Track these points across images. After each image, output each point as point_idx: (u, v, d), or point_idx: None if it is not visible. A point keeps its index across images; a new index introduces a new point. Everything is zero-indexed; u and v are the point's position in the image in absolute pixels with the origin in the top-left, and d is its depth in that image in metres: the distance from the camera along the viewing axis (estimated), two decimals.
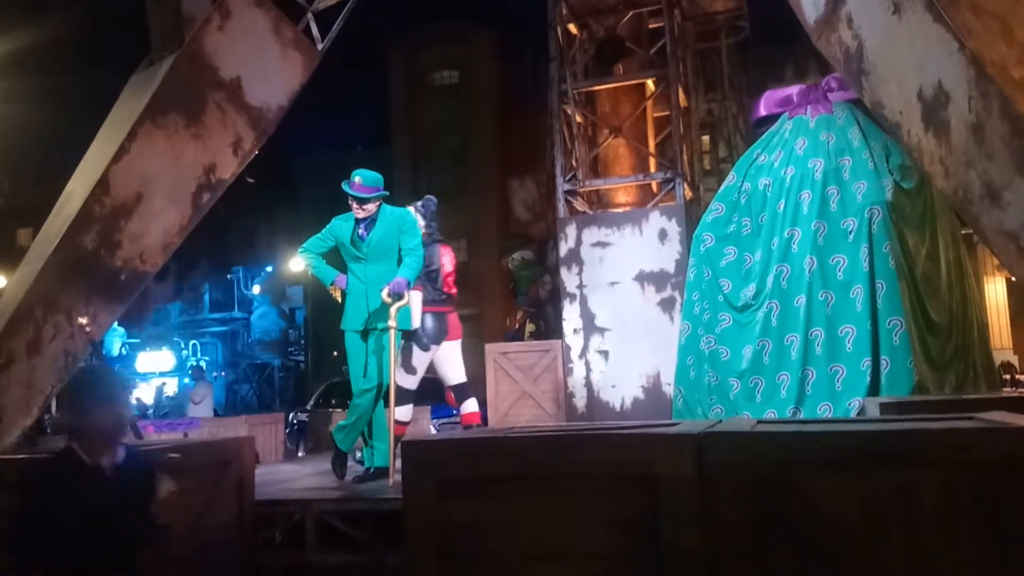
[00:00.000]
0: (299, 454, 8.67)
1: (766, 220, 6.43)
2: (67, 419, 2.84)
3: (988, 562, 2.21)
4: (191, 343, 29.61)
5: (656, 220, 8.20)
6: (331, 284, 5.38)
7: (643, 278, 8.13)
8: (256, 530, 4.25)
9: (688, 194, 8.85)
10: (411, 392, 5.78)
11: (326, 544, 4.28)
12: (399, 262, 5.18)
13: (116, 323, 11.79)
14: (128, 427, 2.91)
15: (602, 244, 8.35)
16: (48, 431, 10.49)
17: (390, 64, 25.87)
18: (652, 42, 9.44)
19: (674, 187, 8.56)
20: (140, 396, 20.68)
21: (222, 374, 28.53)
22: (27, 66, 18.36)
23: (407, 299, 5.08)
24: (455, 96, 25.24)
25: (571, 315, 8.36)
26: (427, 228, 5.75)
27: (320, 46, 6.82)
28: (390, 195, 5.39)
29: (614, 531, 2.43)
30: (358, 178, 5.16)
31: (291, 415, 11.98)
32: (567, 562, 2.47)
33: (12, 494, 3.16)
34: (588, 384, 8.22)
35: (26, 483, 3.27)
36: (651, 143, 9.74)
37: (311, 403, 13.60)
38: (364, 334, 5.19)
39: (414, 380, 5.81)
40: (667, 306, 7.99)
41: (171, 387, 26.32)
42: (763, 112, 7.15)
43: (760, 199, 6.52)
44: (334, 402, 12.34)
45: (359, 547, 4.20)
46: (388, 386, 5.06)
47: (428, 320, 5.73)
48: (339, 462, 5.23)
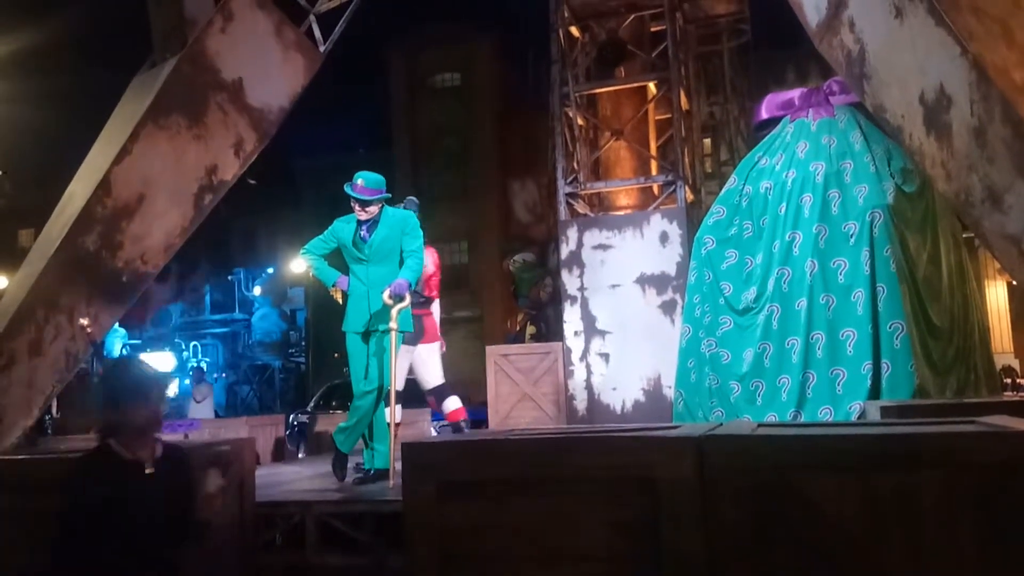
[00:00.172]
0: (299, 455, 8.66)
1: (767, 223, 6.43)
2: (102, 415, 2.68)
3: (989, 565, 2.21)
4: (192, 344, 29.62)
5: (657, 223, 8.20)
6: (332, 285, 5.37)
7: (644, 281, 8.14)
8: (256, 531, 4.25)
9: (689, 197, 8.86)
10: (398, 394, 5.78)
11: (327, 545, 4.27)
12: (401, 264, 5.18)
13: (117, 324, 11.79)
14: (163, 421, 2.79)
15: (603, 247, 8.35)
16: (49, 431, 10.50)
17: (391, 66, 25.89)
18: (654, 45, 9.47)
19: (675, 190, 8.56)
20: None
21: (223, 375, 28.55)
22: (29, 67, 18.40)
23: (408, 301, 5.08)
24: (456, 98, 25.26)
25: (572, 317, 8.36)
26: None
27: (322, 48, 6.84)
28: (391, 197, 5.39)
29: (615, 533, 2.43)
30: (360, 180, 5.15)
31: (291, 417, 11.95)
32: (568, 564, 2.47)
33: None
34: (589, 386, 8.22)
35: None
36: (652, 146, 9.74)
37: (311, 405, 13.58)
38: (365, 336, 5.18)
39: (399, 382, 5.82)
40: (668, 309, 8.00)
41: (172, 388, 26.32)
42: (765, 115, 7.15)
43: (761, 202, 6.52)
44: (335, 404, 12.31)
45: (360, 549, 4.19)
46: (389, 388, 5.07)
47: None
48: (339, 464, 5.23)
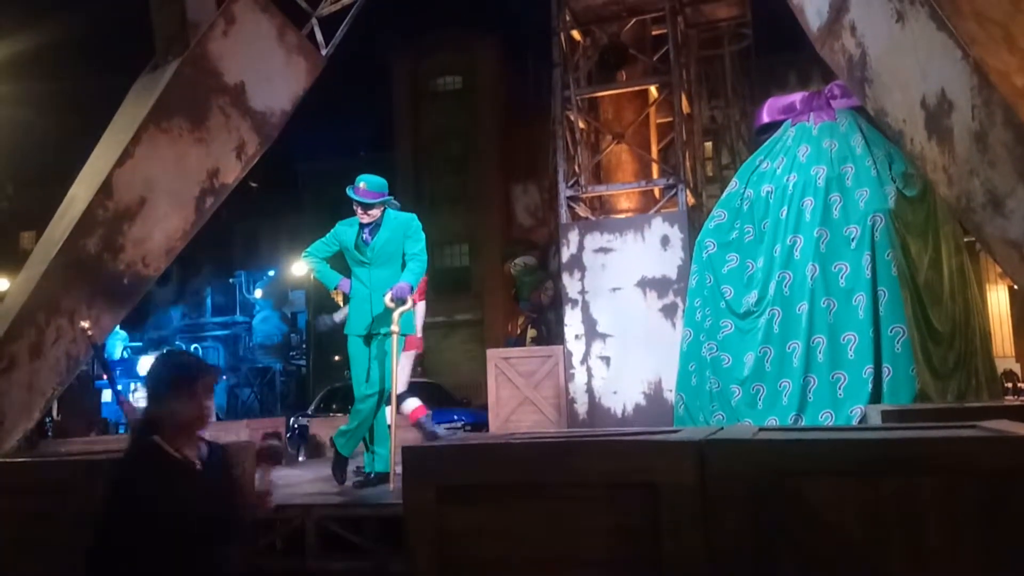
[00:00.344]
0: (300, 459, 8.65)
1: (768, 227, 6.43)
2: (146, 409, 2.58)
3: (991, 570, 2.21)
4: (193, 347, 29.63)
5: (658, 226, 8.20)
6: (334, 289, 5.37)
7: (645, 284, 8.13)
8: (257, 535, 4.25)
9: (690, 200, 8.86)
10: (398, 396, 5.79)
11: (327, 550, 4.27)
12: (403, 267, 5.17)
13: (118, 326, 11.79)
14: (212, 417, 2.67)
15: (604, 250, 8.35)
16: (49, 434, 10.49)
17: (393, 69, 25.91)
18: (655, 49, 9.47)
19: (676, 193, 8.56)
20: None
21: (223, 378, 28.52)
22: (30, 70, 18.43)
23: (410, 304, 5.07)
24: (458, 102, 25.27)
25: (573, 321, 8.35)
26: None
27: (324, 51, 6.84)
28: (393, 200, 5.39)
29: (615, 538, 2.43)
30: (363, 183, 5.14)
31: (292, 420, 11.95)
32: (568, 569, 2.46)
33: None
34: (590, 390, 8.21)
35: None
36: (654, 149, 9.74)
37: (312, 407, 13.59)
38: (367, 339, 5.17)
39: (400, 384, 5.82)
40: (669, 312, 7.99)
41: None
42: (766, 119, 7.16)
43: (763, 206, 6.52)
44: (335, 407, 12.32)
45: (360, 553, 4.19)
46: (390, 391, 5.06)
47: None
48: (340, 467, 5.22)
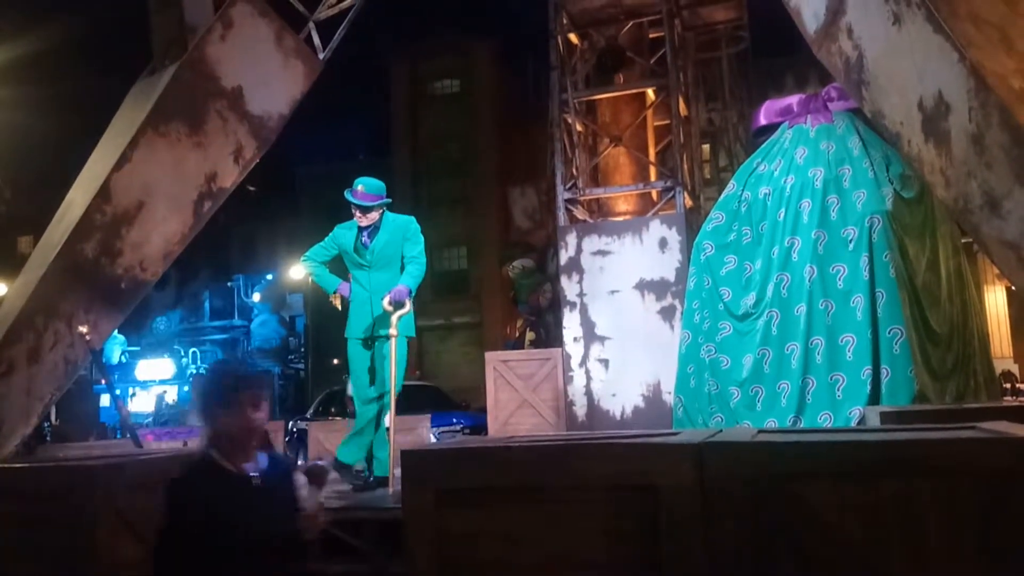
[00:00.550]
0: (299, 462, 8.65)
1: (766, 229, 6.43)
2: (201, 423, 2.51)
3: (991, 571, 2.21)
4: (191, 351, 29.59)
5: (656, 229, 8.20)
6: (334, 292, 5.36)
7: (643, 287, 8.13)
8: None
9: (688, 203, 8.87)
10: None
11: (326, 553, 4.26)
12: (403, 269, 5.15)
13: (116, 331, 11.78)
14: (265, 431, 2.59)
15: (602, 252, 8.35)
16: (48, 439, 10.47)
17: (391, 73, 25.92)
18: (653, 52, 9.49)
19: (674, 196, 8.57)
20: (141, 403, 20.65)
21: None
22: (28, 73, 18.42)
23: (409, 307, 5.05)
24: (456, 105, 25.28)
25: (571, 323, 8.36)
26: None
27: (321, 55, 6.85)
28: (392, 202, 5.38)
29: (614, 541, 2.42)
30: (361, 186, 5.13)
31: (291, 423, 11.95)
32: (567, 571, 2.46)
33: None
34: (588, 393, 8.21)
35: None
36: (651, 152, 9.75)
37: (311, 411, 13.57)
38: (367, 342, 5.15)
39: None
40: (667, 315, 7.99)
41: (171, 395, 26.29)
42: (763, 121, 7.16)
43: (760, 208, 6.52)
44: (334, 410, 12.29)
45: (360, 556, 4.18)
46: (390, 394, 5.04)
47: None
48: (347, 474, 5.17)
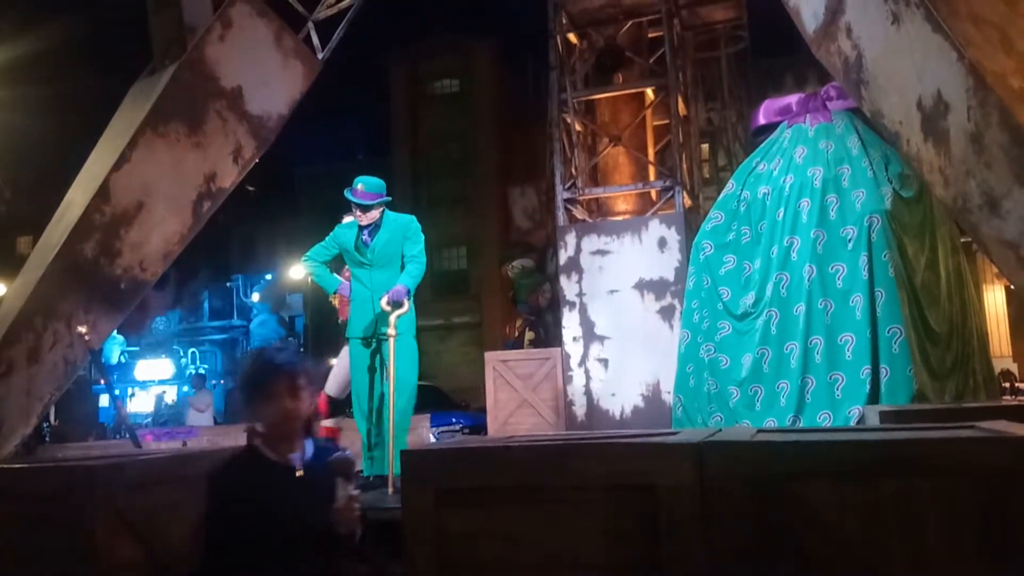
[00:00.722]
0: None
1: (765, 228, 6.43)
2: (241, 415, 2.52)
3: (991, 571, 2.21)
4: (190, 351, 29.60)
5: (655, 228, 8.21)
6: (334, 292, 5.35)
7: (642, 286, 8.14)
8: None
9: (687, 202, 8.87)
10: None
11: (359, 554, 4.24)
12: (403, 268, 5.14)
13: (115, 331, 11.77)
14: (309, 420, 2.60)
15: (602, 252, 8.35)
16: (47, 439, 10.46)
17: (391, 73, 25.92)
18: (652, 51, 9.49)
19: (673, 195, 8.57)
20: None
21: (221, 382, 28.48)
22: (27, 73, 18.40)
23: (407, 307, 5.04)
24: (456, 105, 25.28)
25: (571, 323, 8.36)
26: None
27: (321, 55, 6.85)
28: (392, 201, 5.37)
29: (614, 541, 2.42)
30: (360, 185, 5.12)
31: None
32: (566, 572, 2.46)
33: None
34: (588, 392, 8.21)
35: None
36: (650, 152, 9.76)
37: None
38: (368, 342, 5.14)
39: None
40: (666, 314, 7.99)
41: (170, 395, 26.30)
42: (762, 121, 7.16)
43: (759, 207, 6.52)
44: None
45: (359, 556, 4.17)
46: (389, 394, 5.03)
47: None
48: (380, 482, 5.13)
